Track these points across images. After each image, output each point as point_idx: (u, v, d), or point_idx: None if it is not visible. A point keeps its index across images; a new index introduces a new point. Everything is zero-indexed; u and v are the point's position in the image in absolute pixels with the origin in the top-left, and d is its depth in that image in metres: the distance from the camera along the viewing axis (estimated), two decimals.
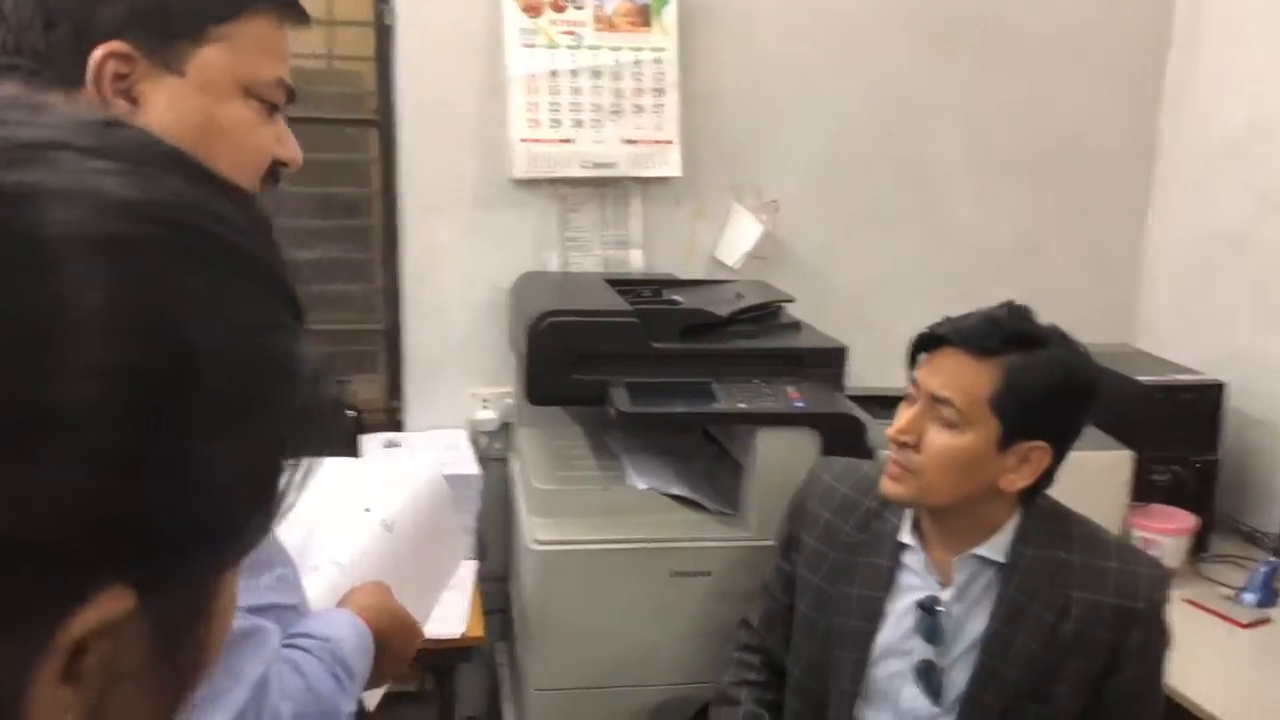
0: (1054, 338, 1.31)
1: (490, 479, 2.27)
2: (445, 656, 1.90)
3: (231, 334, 0.38)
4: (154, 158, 0.39)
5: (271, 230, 0.43)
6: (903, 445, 1.31)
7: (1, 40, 0.78)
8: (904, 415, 1.32)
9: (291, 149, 0.88)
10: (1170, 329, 2.54)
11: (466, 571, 2.04)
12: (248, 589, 0.85)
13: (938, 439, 1.29)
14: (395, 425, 2.39)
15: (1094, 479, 2.01)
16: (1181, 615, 1.95)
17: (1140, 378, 2.16)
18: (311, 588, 1.00)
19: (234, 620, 0.45)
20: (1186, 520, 2.05)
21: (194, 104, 0.80)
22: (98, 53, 0.77)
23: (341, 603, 1.00)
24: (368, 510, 1.09)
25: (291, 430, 0.41)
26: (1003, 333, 1.28)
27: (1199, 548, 2.13)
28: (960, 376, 1.28)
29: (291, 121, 0.90)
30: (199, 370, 0.36)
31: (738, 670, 1.56)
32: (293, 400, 0.40)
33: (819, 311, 2.19)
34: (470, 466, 2.13)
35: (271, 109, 0.86)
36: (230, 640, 0.74)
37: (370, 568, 1.05)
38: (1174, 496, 2.11)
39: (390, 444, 2.23)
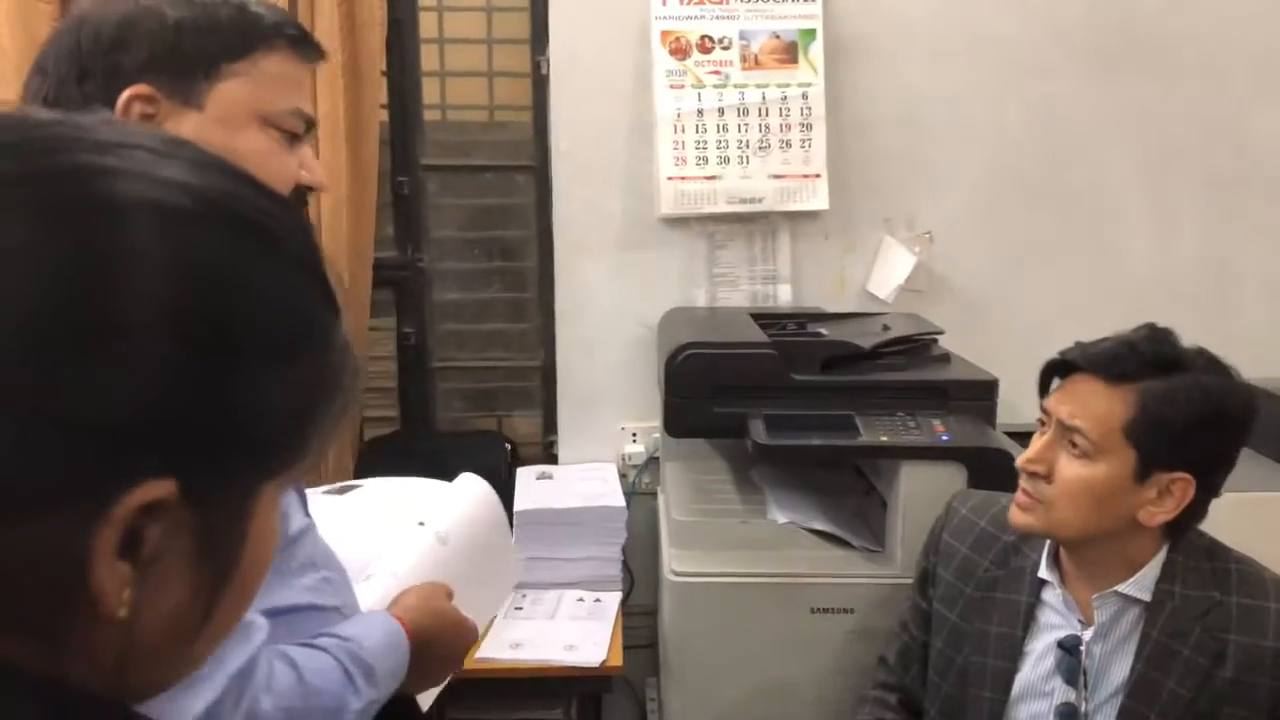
0: (1197, 362, 1.22)
1: (641, 512, 2.30)
2: (586, 685, 1.92)
3: (268, 290, 0.47)
4: (210, 163, 0.49)
5: (312, 234, 0.52)
6: (1033, 475, 1.25)
7: (44, 94, 0.88)
8: (1034, 444, 1.26)
9: (316, 173, 0.95)
10: None
11: (611, 602, 2.07)
12: (288, 587, 0.90)
13: (1069, 469, 1.22)
14: (551, 459, 2.46)
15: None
16: None
17: None
18: (366, 597, 1.04)
19: (270, 552, 0.50)
20: None
21: (213, 136, 0.88)
22: (123, 96, 0.86)
23: (390, 606, 1.03)
24: (422, 524, 1.13)
25: (322, 383, 0.49)
26: (1138, 357, 1.21)
27: None
28: (1091, 404, 1.21)
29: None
30: (239, 310, 0.45)
31: (874, 709, 1.51)
32: (323, 358, 0.49)
33: (979, 345, 2.11)
34: (616, 499, 2.16)
35: (293, 138, 0.93)
36: None
37: (423, 578, 1.09)
38: None
39: (542, 476, 2.30)
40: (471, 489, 1.25)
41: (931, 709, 1.41)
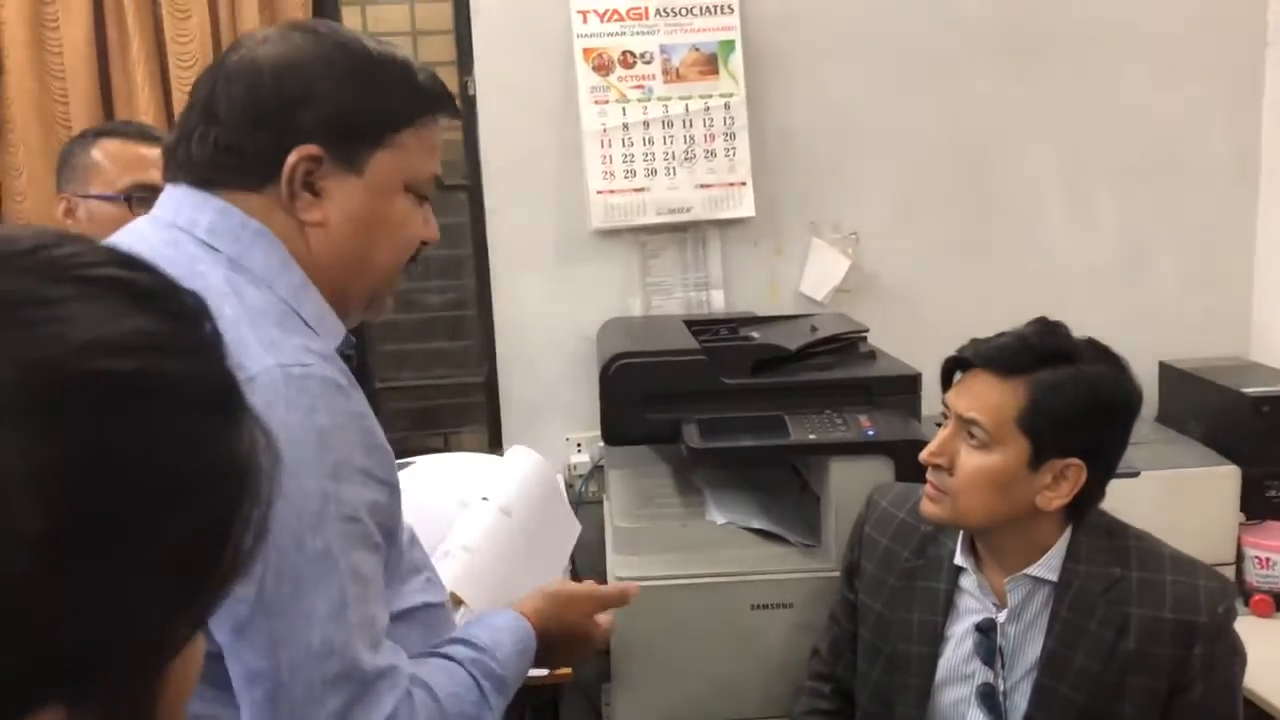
0: (1085, 354, 1.28)
1: (589, 521, 2.33)
2: (537, 695, 1.96)
3: (156, 464, 0.40)
4: (84, 284, 0.41)
5: (206, 323, 0.46)
6: (937, 467, 1.31)
7: (214, 139, 0.90)
8: (936, 438, 1.32)
9: (434, 229, 1.00)
10: None
11: None
12: (397, 595, 0.94)
13: (969, 460, 1.28)
14: None
15: (1199, 497, 1.95)
16: None
17: (1246, 390, 2.05)
18: (444, 574, 1.07)
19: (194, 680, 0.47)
20: None
21: (365, 202, 0.92)
22: (293, 156, 0.89)
23: (523, 603, 1.04)
24: (485, 499, 1.16)
25: (231, 509, 0.43)
26: (1029, 351, 1.27)
27: None
28: (986, 397, 1.28)
29: None
30: (125, 511, 0.39)
31: (809, 700, 1.56)
32: (223, 490, 0.43)
33: (907, 341, 2.16)
34: None
35: (421, 198, 0.97)
36: (366, 681, 0.83)
37: (494, 551, 1.11)
38: None
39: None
40: (526, 462, 1.29)
41: (862, 696, 1.47)
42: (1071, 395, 1.25)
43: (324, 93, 0.90)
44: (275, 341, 0.84)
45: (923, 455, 1.33)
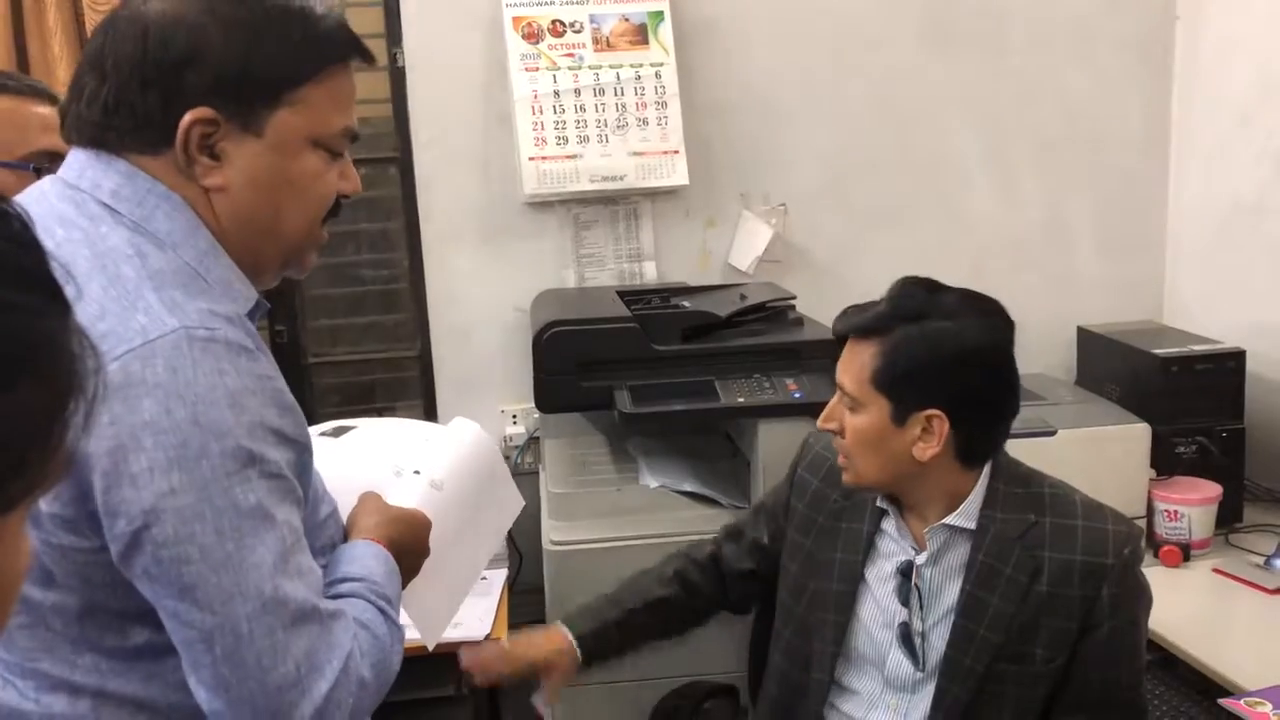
0: (939, 309, 1.31)
1: (525, 491, 2.32)
2: None
3: None
4: None
5: (26, 228, 0.48)
6: (835, 434, 1.37)
7: (104, 98, 0.87)
8: (826, 407, 1.39)
9: (353, 181, 0.98)
10: (1197, 303, 2.51)
11: (497, 579, 2.13)
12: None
13: (849, 424, 1.35)
14: None
15: (1111, 454, 2.02)
16: (1212, 585, 1.93)
17: (1156, 351, 2.14)
18: None
19: (20, 573, 0.48)
20: (1211, 490, 2.01)
21: (267, 162, 0.90)
22: (186, 119, 0.87)
23: (349, 532, 1.02)
24: (417, 472, 1.15)
25: (54, 395, 0.46)
26: (883, 315, 1.32)
27: (1233, 518, 2.10)
28: (852, 362, 1.34)
29: None
30: None
31: (682, 561, 1.62)
32: (49, 369, 0.45)
33: (836, 309, 2.18)
34: None
35: (335, 154, 0.95)
36: (323, 621, 0.85)
37: None
38: (1201, 468, 2.08)
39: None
40: (464, 434, 1.27)
41: (785, 631, 1.51)
42: (919, 351, 1.29)
43: (213, 51, 0.87)
44: (179, 304, 0.83)
45: (817, 424, 1.39)
